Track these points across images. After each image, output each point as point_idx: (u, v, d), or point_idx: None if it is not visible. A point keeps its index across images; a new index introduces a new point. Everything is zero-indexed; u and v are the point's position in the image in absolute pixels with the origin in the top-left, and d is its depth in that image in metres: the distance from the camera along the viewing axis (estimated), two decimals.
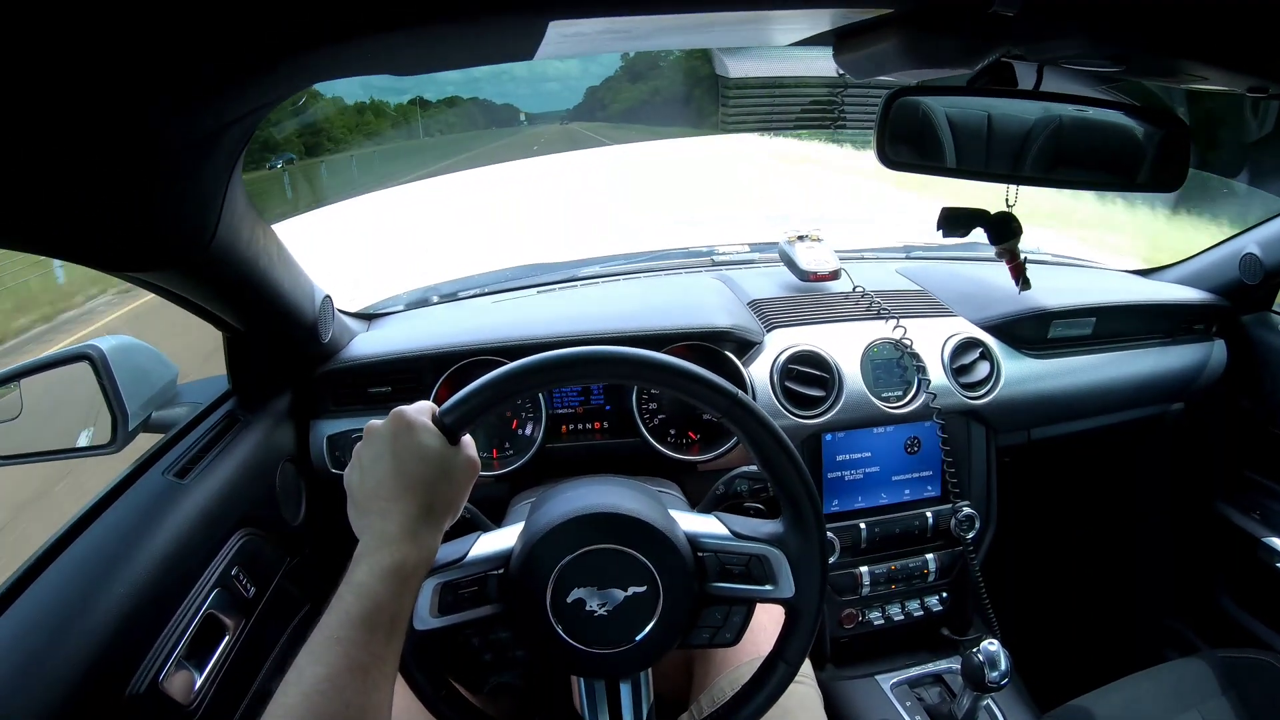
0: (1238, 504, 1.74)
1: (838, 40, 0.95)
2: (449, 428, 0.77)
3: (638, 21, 0.76)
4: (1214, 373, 1.68)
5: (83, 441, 1.19)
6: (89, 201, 0.70)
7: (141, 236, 0.79)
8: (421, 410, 0.78)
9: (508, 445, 1.37)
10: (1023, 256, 1.29)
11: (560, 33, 0.71)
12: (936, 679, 1.44)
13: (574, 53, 0.92)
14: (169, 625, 0.94)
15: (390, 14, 0.58)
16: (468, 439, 0.81)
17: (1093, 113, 1.12)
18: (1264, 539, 1.62)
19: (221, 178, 0.82)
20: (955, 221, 1.23)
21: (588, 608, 0.80)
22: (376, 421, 0.78)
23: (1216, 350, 1.69)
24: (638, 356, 0.79)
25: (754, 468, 1.04)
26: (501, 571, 0.82)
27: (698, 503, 1.07)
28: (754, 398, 1.35)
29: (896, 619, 1.50)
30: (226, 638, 1.03)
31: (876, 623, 1.49)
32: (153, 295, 1.01)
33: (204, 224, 0.83)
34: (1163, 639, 1.86)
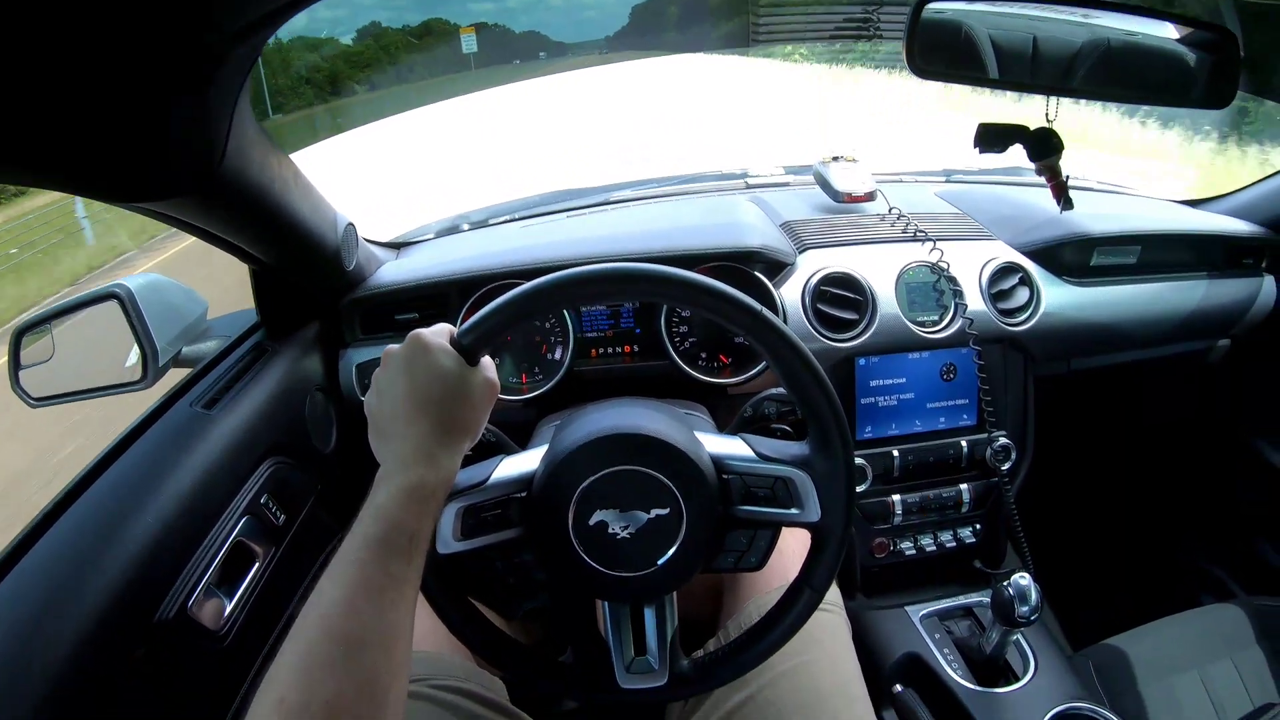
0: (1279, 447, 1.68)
1: None
2: (467, 348, 0.76)
3: None
4: (1262, 310, 1.62)
5: (114, 379, 1.20)
6: (90, 125, 0.68)
7: (144, 162, 0.78)
8: (439, 332, 0.78)
9: (537, 370, 1.36)
10: (1064, 175, 1.25)
11: None
12: (967, 612, 1.42)
13: None
14: (197, 553, 0.95)
15: None
16: (487, 360, 0.80)
17: (1141, 35, 1.09)
18: None
19: (227, 100, 0.80)
20: (993, 137, 1.19)
21: (610, 530, 0.79)
22: (394, 345, 0.78)
23: (1266, 286, 1.62)
24: (658, 273, 0.76)
25: (783, 390, 1.02)
26: (524, 494, 0.81)
27: (726, 426, 1.05)
28: (785, 320, 1.33)
29: (928, 549, 1.47)
30: (256, 565, 1.04)
31: (908, 552, 1.47)
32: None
33: (210, 148, 0.82)
34: (1199, 582, 1.81)
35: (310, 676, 0.59)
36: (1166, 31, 1.11)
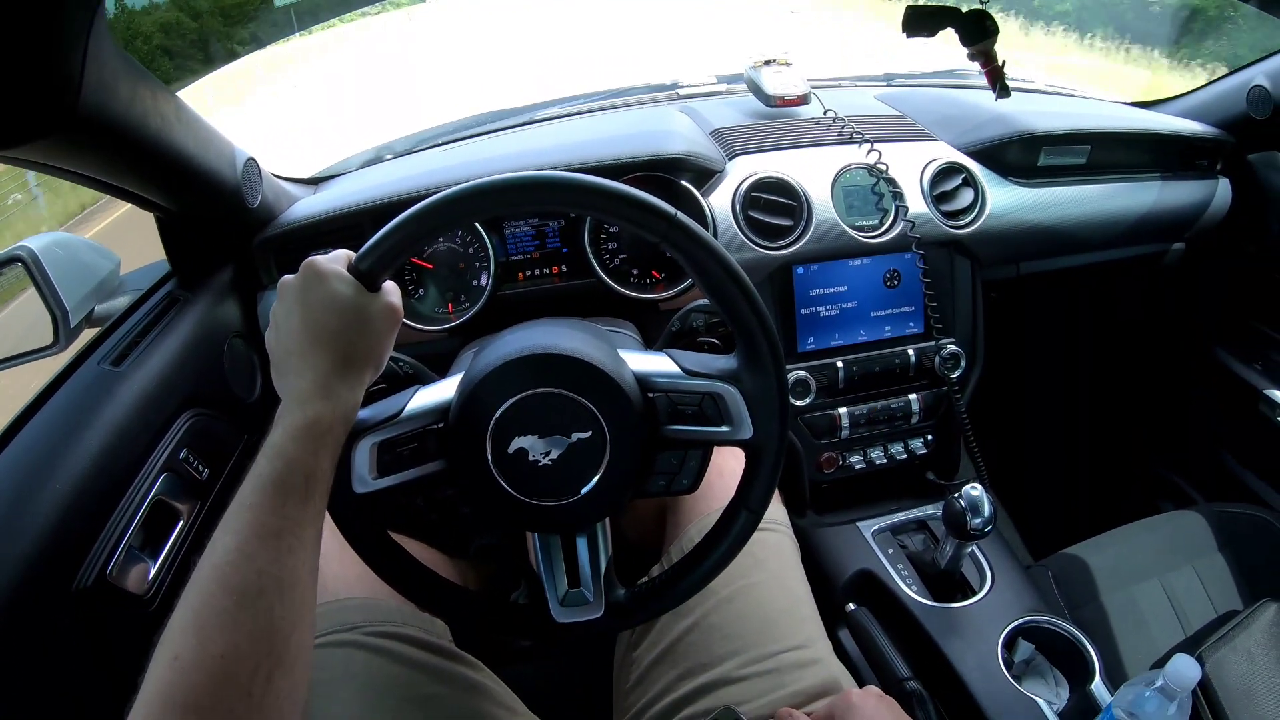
0: (1239, 353, 1.67)
1: None
2: (366, 274, 0.72)
3: None
4: (1217, 213, 1.58)
5: (26, 346, 1.13)
6: None
7: None
8: (335, 259, 0.73)
9: (463, 298, 1.30)
10: (1000, 60, 1.19)
11: None
12: (920, 525, 1.39)
13: None
14: (113, 516, 0.91)
15: None
16: (390, 285, 0.75)
17: None
18: (1265, 391, 1.56)
19: (78, 26, 0.73)
20: (921, 21, 1.13)
21: (531, 457, 0.75)
22: (289, 276, 0.73)
23: (1220, 189, 1.59)
24: (561, 179, 0.71)
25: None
26: (441, 425, 0.77)
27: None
28: (715, 230, 1.27)
29: (879, 462, 1.44)
30: (180, 523, 1.00)
31: (857, 467, 1.43)
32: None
33: (64, 83, 0.75)
34: (1157, 489, 1.81)
35: (204, 631, 0.56)
36: None
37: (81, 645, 0.85)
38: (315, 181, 1.51)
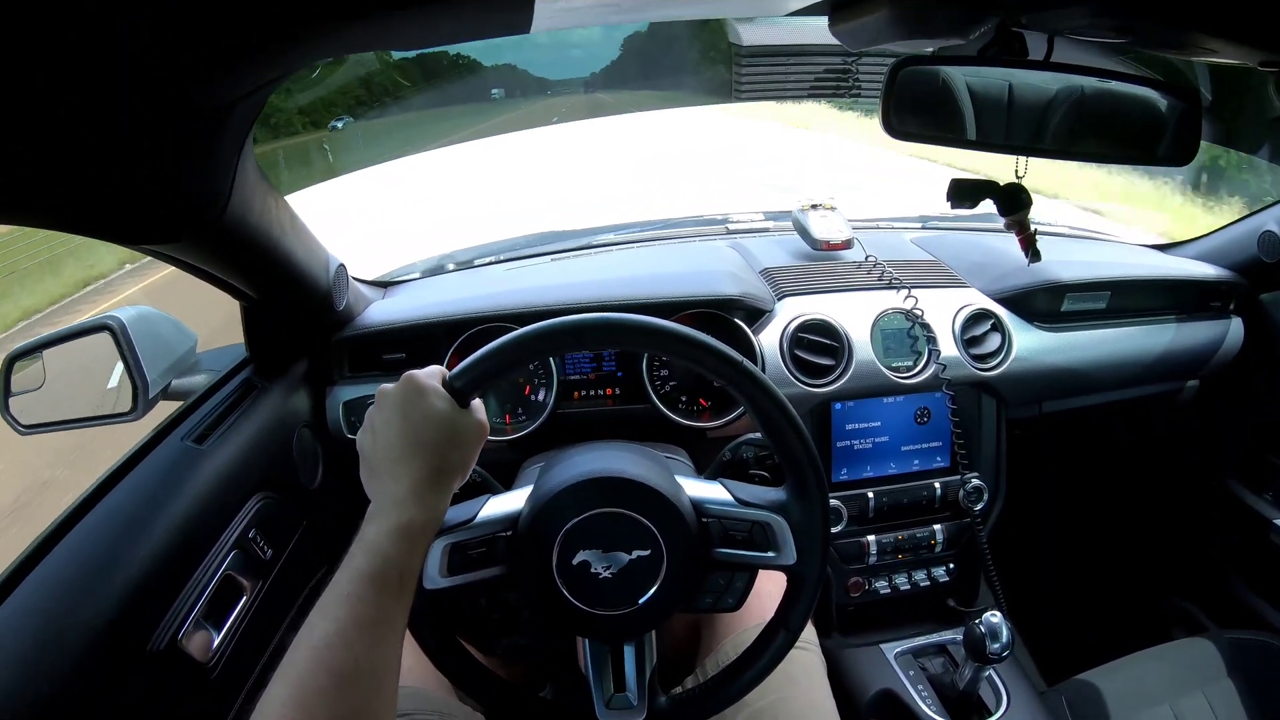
0: (1250, 484, 1.72)
1: (833, 10, 0.95)
2: (459, 391, 0.79)
3: None
4: (1230, 351, 1.66)
5: (104, 410, 1.21)
6: (105, 176, 0.72)
7: (155, 209, 0.81)
8: (432, 375, 0.80)
9: (520, 411, 1.38)
10: (1033, 228, 1.29)
11: (550, 8, 0.74)
12: (940, 649, 1.44)
13: (570, 24, 0.94)
14: (188, 586, 0.96)
15: None
16: (477, 403, 0.82)
17: (1115, 85, 1.13)
18: (1276, 521, 1.61)
19: (233, 150, 0.84)
20: (963, 193, 1.23)
21: (593, 570, 0.82)
22: (388, 386, 0.80)
23: (1233, 328, 1.67)
24: (644, 324, 0.80)
25: (760, 435, 1.05)
26: (510, 533, 0.84)
27: (705, 469, 1.08)
28: (763, 366, 1.36)
29: (903, 589, 1.50)
30: (244, 598, 1.06)
31: (883, 592, 1.50)
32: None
33: (217, 196, 0.85)
34: (1171, 618, 1.85)
35: (306, 707, 0.60)
36: (1140, 91, 1.16)
37: (150, 705, 0.90)
38: (384, 285, 1.61)
